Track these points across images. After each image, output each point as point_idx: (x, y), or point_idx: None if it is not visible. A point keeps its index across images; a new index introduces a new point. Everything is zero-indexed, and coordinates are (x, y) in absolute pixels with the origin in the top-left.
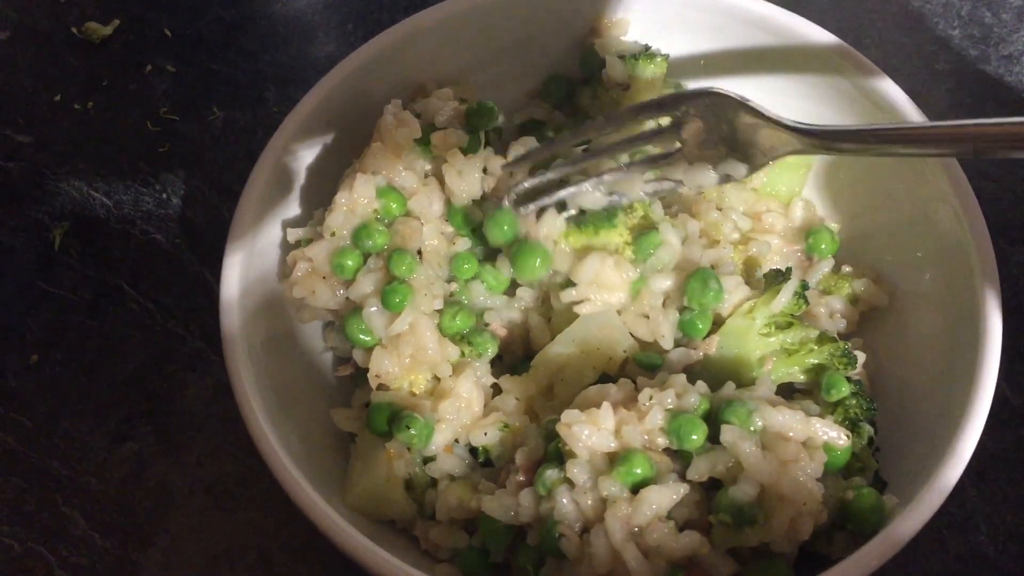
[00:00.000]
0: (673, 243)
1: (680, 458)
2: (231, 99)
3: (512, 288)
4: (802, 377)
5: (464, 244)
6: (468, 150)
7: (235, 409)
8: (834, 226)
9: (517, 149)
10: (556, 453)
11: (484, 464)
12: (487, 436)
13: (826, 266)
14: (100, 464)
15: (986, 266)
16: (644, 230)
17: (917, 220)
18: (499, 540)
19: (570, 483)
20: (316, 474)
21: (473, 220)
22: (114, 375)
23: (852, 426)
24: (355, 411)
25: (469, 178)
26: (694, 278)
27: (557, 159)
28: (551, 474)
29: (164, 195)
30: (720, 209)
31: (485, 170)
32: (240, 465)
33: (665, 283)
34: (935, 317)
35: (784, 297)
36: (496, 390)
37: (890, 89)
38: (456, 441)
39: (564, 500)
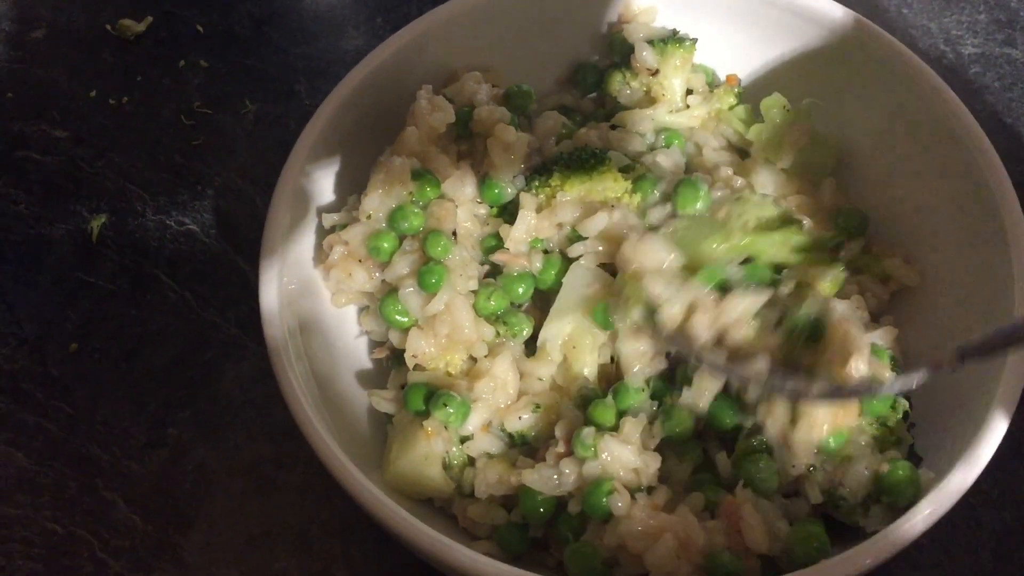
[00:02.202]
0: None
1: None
2: (263, 92)
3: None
4: None
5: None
6: None
7: (271, 394)
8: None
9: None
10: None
11: (523, 450)
12: (522, 421)
13: (856, 246)
14: (140, 449)
15: (1020, 247)
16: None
17: (948, 201)
18: (540, 514)
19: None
20: (355, 454)
21: (505, 196)
22: (152, 363)
23: (888, 399)
24: (392, 392)
25: (515, 156)
26: (683, 184)
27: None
28: (588, 432)
29: (199, 187)
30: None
31: None
32: (277, 448)
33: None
34: (967, 296)
35: None
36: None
37: (922, 68)
38: (488, 425)
39: (614, 447)
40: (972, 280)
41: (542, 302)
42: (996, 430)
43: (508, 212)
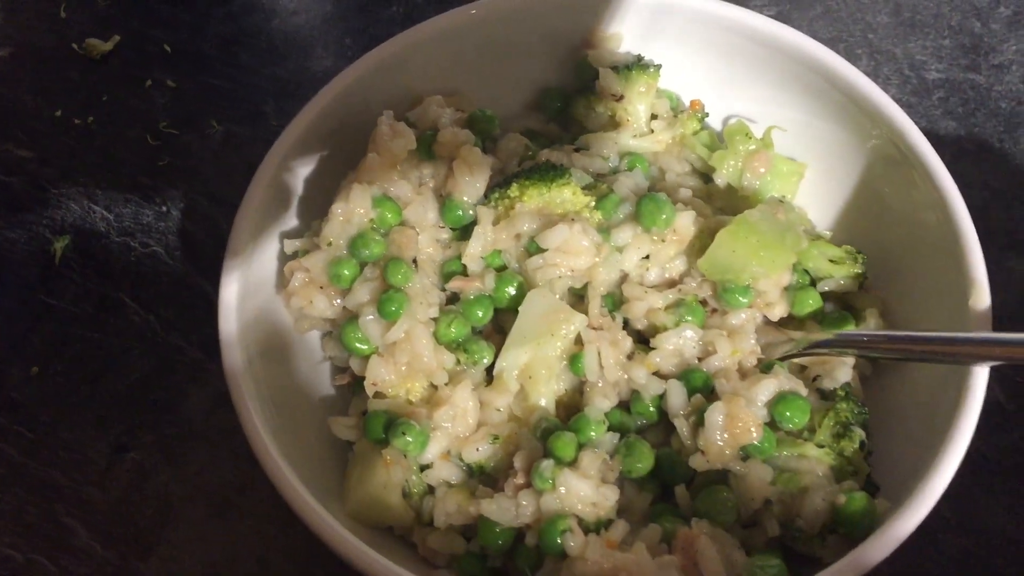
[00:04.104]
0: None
1: None
2: (230, 113)
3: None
4: None
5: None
6: None
7: (235, 419)
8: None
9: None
10: (552, 451)
11: (481, 479)
12: (479, 451)
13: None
14: (101, 474)
15: (975, 272)
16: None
17: (908, 227)
18: (498, 545)
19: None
20: (315, 482)
21: (467, 218)
22: (115, 386)
23: (844, 430)
24: (353, 419)
25: (480, 176)
26: (647, 200)
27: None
28: (547, 465)
29: (164, 208)
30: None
31: None
32: (240, 474)
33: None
34: (926, 323)
35: None
36: None
37: (881, 99)
38: (448, 453)
39: (572, 481)
40: (930, 306)
41: (502, 326)
42: (951, 461)
43: (470, 234)
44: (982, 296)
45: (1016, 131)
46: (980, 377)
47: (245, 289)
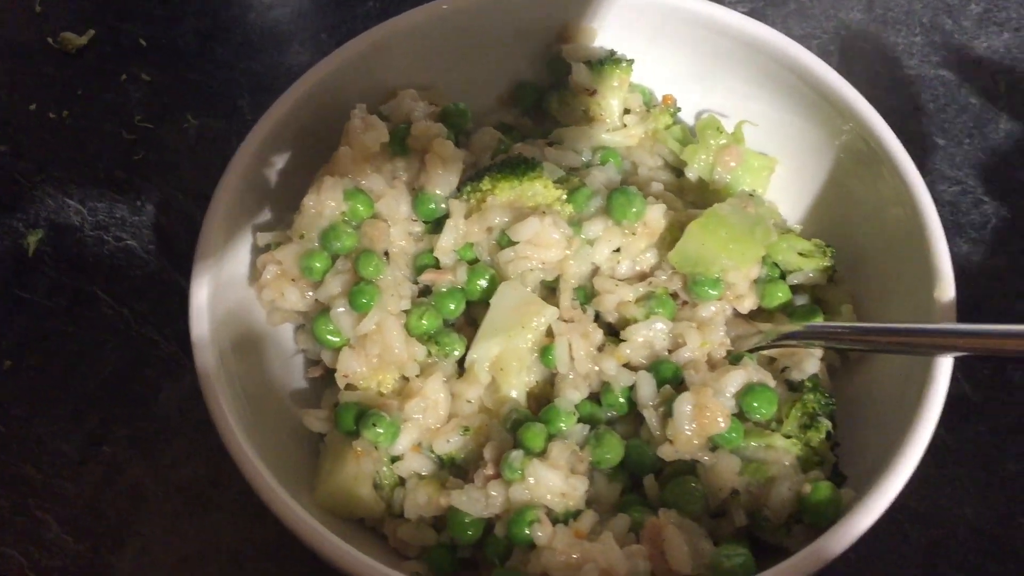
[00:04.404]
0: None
1: None
2: (206, 107)
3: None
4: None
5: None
6: None
7: (209, 412)
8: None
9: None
10: (522, 442)
11: (452, 470)
12: (450, 443)
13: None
14: (74, 468)
15: (940, 265)
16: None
17: (876, 221)
18: (468, 535)
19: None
20: (287, 474)
21: (439, 211)
22: (89, 380)
23: (811, 421)
24: (325, 412)
25: (452, 169)
26: (617, 194)
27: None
28: (517, 455)
29: (138, 202)
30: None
31: None
32: (213, 467)
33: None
34: (893, 316)
35: None
36: None
37: (851, 95)
38: (419, 445)
39: (541, 472)
40: (897, 299)
41: (474, 319)
42: (914, 451)
43: (443, 227)
44: (946, 289)
45: (985, 127)
46: (944, 368)
47: (217, 283)
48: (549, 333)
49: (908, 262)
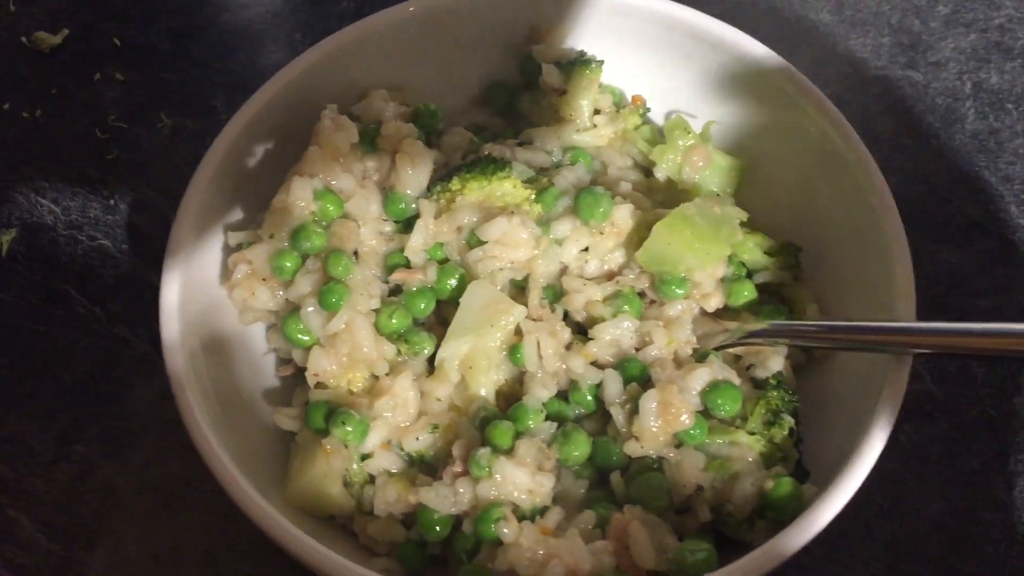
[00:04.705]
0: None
1: None
2: (180, 107)
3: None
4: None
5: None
6: None
7: (179, 412)
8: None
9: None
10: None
11: (421, 468)
12: (419, 441)
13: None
14: (46, 467)
15: (900, 265)
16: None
17: (840, 221)
18: (437, 532)
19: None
20: (258, 473)
21: (409, 211)
22: (61, 379)
23: (774, 418)
24: (296, 410)
25: (422, 169)
26: (584, 194)
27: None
28: (484, 453)
29: (112, 201)
30: None
31: None
32: (186, 466)
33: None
34: (856, 314)
35: None
36: None
37: (816, 96)
38: (389, 443)
39: (508, 469)
40: (860, 299)
41: (445, 318)
42: (873, 447)
43: (413, 227)
44: (906, 288)
45: (952, 127)
46: (904, 365)
47: (188, 282)
48: (518, 332)
49: (871, 261)
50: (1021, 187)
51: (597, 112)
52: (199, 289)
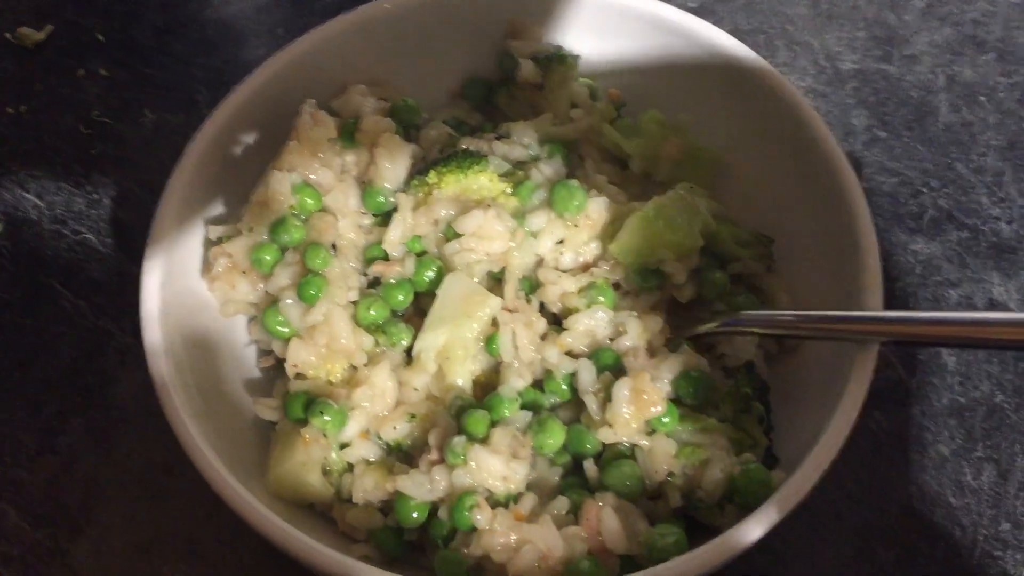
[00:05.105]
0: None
1: None
2: (163, 102)
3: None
4: None
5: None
6: None
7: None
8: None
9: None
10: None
11: (399, 456)
12: (397, 429)
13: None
14: (31, 457)
15: (868, 256)
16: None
17: (811, 212)
18: (414, 518)
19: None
20: (239, 462)
21: (388, 205)
22: (46, 371)
23: (745, 405)
24: (276, 401)
25: (400, 163)
26: (559, 187)
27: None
28: (459, 441)
29: (96, 196)
30: None
31: None
32: (169, 456)
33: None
34: (826, 304)
35: None
36: None
37: (788, 90)
38: (367, 432)
39: (482, 456)
40: (828, 275)
41: (423, 309)
42: (837, 434)
43: (391, 220)
44: (874, 279)
45: (925, 119)
46: (870, 354)
47: (169, 275)
48: (494, 323)
49: (840, 253)
50: (992, 179)
51: (574, 106)
52: (180, 282)
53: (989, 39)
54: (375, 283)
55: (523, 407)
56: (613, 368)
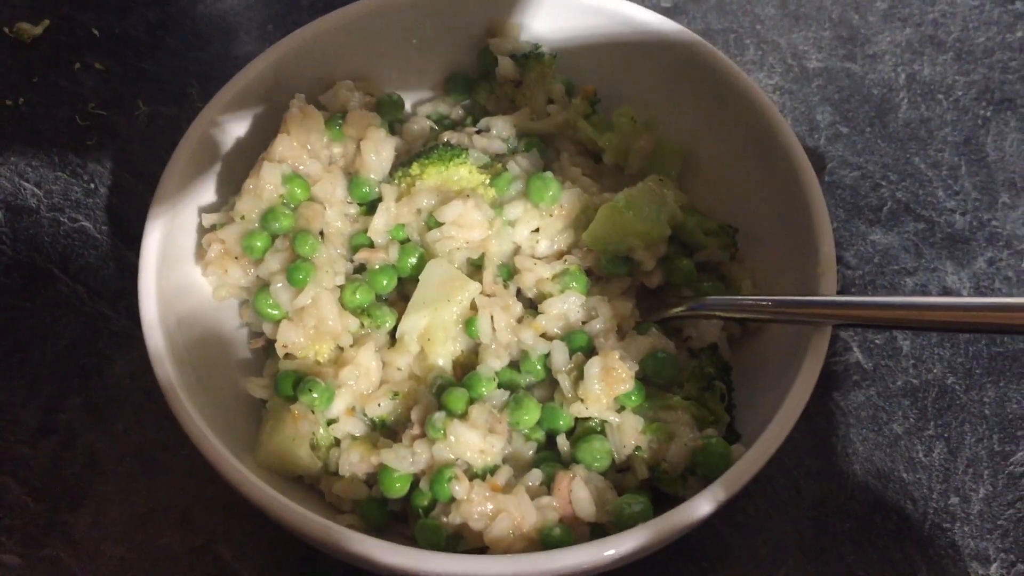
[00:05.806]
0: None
1: None
2: (156, 95)
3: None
4: None
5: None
6: None
7: (158, 382)
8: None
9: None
10: (445, 405)
11: (383, 431)
12: (381, 406)
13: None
14: (32, 435)
15: (823, 244)
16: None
17: (772, 203)
18: (397, 489)
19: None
20: (232, 437)
21: (373, 195)
22: (45, 353)
23: (708, 384)
24: (266, 380)
25: (385, 155)
26: (535, 179)
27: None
28: (439, 416)
29: (92, 185)
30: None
31: None
32: (164, 432)
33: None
34: (786, 290)
35: None
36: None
37: (751, 88)
38: (353, 409)
39: (461, 431)
40: (788, 262)
41: (406, 294)
42: (791, 411)
43: (376, 209)
44: (828, 266)
45: (886, 116)
46: (824, 335)
47: (165, 261)
48: (473, 306)
49: (799, 241)
50: (948, 172)
51: (550, 102)
52: (175, 267)
53: (947, 39)
54: (360, 269)
55: (500, 386)
56: (585, 349)
